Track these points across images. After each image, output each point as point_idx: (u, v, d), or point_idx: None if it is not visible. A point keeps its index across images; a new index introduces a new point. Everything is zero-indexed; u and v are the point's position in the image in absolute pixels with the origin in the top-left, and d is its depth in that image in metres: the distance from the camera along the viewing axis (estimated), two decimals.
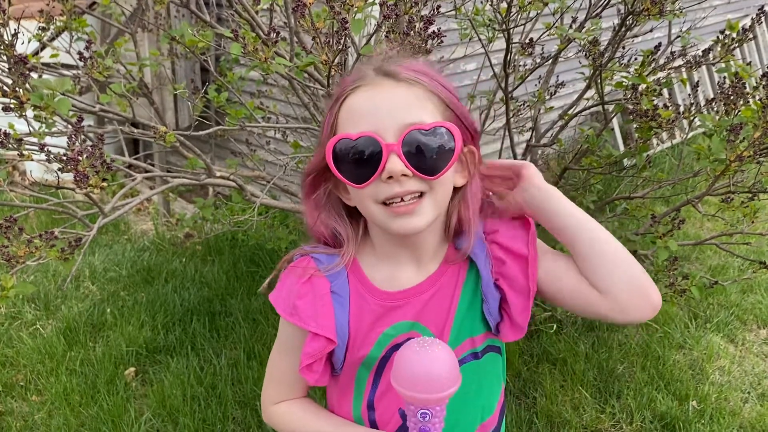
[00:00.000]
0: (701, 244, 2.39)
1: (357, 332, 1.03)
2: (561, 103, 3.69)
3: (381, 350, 1.03)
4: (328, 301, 1.02)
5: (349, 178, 0.93)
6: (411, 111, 0.91)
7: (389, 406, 1.06)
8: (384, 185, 0.91)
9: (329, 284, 1.02)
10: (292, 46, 1.73)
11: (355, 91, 0.94)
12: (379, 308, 1.02)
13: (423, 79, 0.93)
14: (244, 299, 3.20)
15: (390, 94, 0.92)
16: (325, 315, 1.01)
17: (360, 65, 0.96)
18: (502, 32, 2.12)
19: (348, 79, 0.97)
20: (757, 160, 1.85)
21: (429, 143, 0.90)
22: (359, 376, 1.06)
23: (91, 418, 2.46)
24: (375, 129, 0.90)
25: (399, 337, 1.02)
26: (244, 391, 2.59)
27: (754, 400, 2.63)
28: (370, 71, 0.94)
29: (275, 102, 3.31)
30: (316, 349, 1.01)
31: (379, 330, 1.02)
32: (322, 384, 1.07)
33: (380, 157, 0.89)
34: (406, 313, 1.02)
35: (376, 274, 1.04)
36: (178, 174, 2.15)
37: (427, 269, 1.03)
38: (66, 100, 1.42)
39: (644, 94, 1.99)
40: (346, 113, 0.94)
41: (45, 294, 3.27)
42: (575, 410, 2.54)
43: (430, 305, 1.02)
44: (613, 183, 3.86)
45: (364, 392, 1.07)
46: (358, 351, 1.03)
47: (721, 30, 2.12)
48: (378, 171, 0.90)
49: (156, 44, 3.52)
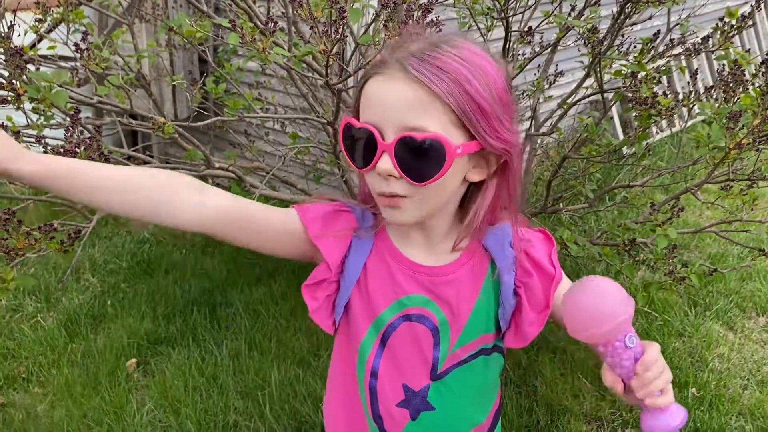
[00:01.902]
0: (701, 232, 2.39)
1: (370, 285, 1.03)
2: (560, 92, 3.68)
3: (392, 315, 1.03)
4: (348, 236, 1.03)
5: (351, 159, 0.96)
6: (414, 113, 0.88)
7: (392, 377, 1.06)
8: (377, 178, 0.93)
9: (356, 225, 1.04)
10: (290, 36, 1.72)
11: (374, 77, 0.93)
12: (399, 273, 1.03)
13: (441, 80, 0.88)
14: (244, 290, 3.21)
15: (399, 90, 0.89)
16: (338, 246, 1.02)
17: (393, 48, 0.93)
18: (500, 20, 2.12)
19: (377, 57, 0.96)
20: (757, 148, 1.85)
21: (421, 152, 0.89)
22: (367, 337, 1.05)
23: (93, 410, 2.47)
24: (378, 122, 0.91)
25: (411, 309, 1.03)
26: (245, 382, 2.60)
27: (753, 386, 2.64)
28: (393, 59, 0.91)
29: (274, 93, 3.30)
30: (320, 272, 1.03)
31: (395, 295, 1.03)
32: (318, 320, 1.05)
33: (375, 152, 0.91)
34: (423, 288, 1.03)
35: (402, 242, 1.05)
36: (177, 165, 2.15)
37: (440, 253, 1.04)
38: (63, 92, 1.42)
39: (644, 81, 1.99)
40: (364, 97, 0.95)
41: (45, 286, 3.27)
42: (575, 398, 2.55)
43: (449, 289, 1.03)
44: (613, 172, 3.86)
45: (368, 357, 1.06)
46: (367, 305, 1.04)
47: (720, 17, 2.12)
48: (371, 164, 0.92)
49: (154, 35, 3.50)
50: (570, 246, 2.32)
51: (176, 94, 3.93)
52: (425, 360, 1.05)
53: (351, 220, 1.05)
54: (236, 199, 0.99)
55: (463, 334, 1.04)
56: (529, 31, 2.16)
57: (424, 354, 1.04)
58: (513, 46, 2.29)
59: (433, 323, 1.04)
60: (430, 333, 1.04)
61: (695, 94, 2.12)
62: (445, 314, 1.04)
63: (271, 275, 3.34)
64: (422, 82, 0.87)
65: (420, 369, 1.05)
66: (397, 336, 1.04)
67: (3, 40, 1.47)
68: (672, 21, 2.28)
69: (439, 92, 0.87)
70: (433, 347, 1.04)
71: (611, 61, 2.24)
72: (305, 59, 1.80)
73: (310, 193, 2.39)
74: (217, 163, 2.11)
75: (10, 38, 1.49)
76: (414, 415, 1.07)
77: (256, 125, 3.31)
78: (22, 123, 1.56)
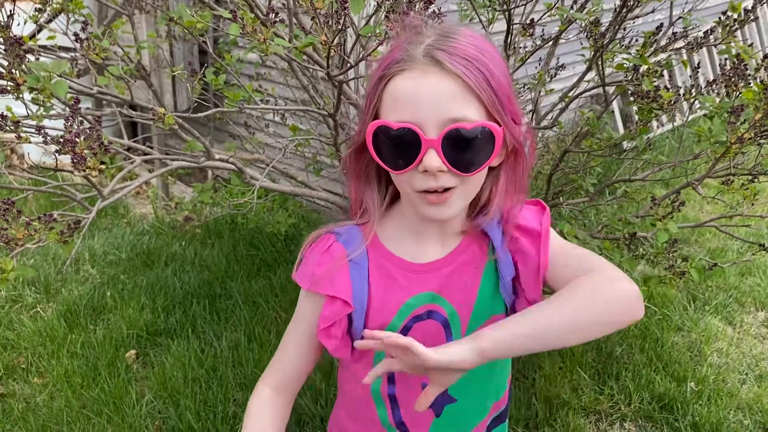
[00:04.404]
0: (701, 226, 2.39)
1: (377, 300, 1.03)
2: (561, 85, 3.67)
3: (402, 320, 1.03)
4: (345, 266, 1.02)
5: (387, 163, 0.93)
6: (455, 105, 0.88)
7: (411, 381, 1.05)
8: (420, 176, 0.91)
9: (347, 252, 1.03)
10: (291, 27, 1.71)
11: (400, 74, 0.89)
12: (401, 277, 1.03)
13: (471, 71, 0.88)
14: (244, 282, 3.21)
15: (435, 84, 0.88)
16: (341, 279, 1.01)
17: (408, 43, 0.90)
18: (502, 13, 2.11)
19: (394, 55, 0.92)
20: (758, 142, 1.84)
21: (469, 142, 0.88)
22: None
23: (93, 400, 2.48)
24: (416, 120, 0.88)
25: (420, 308, 1.03)
26: (244, 373, 2.61)
27: (751, 381, 2.65)
28: (418, 53, 0.89)
29: (274, 85, 3.29)
30: (334, 312, 1.01)
31: (401, 300, 1.03)
32: (341, 355, 1.06)
33: (419, 150, 0.88)
34: (428, 285, 1.03)
35: (398, 246, 1.04)
36: (177, 157, 2.14)
37: (449, 245, 1.04)
38: (63, 82, 1.41)
39: (645, 75, 1.98)
40: (389, 97, 0.91)
41: (45, 277, 3.27)
42: (574, 392, 2.56)
43: (452, 279, 1.03)
44: (613, 166, 3.86)
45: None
46: (378, 319, 1.03)
47: (723, 11, 2.11)
48: (415, 163, 0.89)
49: (154, 26, 3.49)
50: (570, 240, 2.32)
51: (176, 86, 3.92)
52: None
53: (340, 250, 1.03)
54: (285, 381, 1.12)
55: (472, 319, 1.04)
56: (531, 24, 2.15)
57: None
58: (515, 38, 2.28)
59: (443, 316, 1.04)
60: (441, 326, 1.04)
61: (697, 88, 2.11)
62: (453, 305, 1.04)
63: (270, 267, 3.34)
64: (457, 73, 0.87)
65: None
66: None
67: (2, 29, 1.46)
68: (674, 15, 2.27)
69: (472, 83, 0.88)
70: (446, 339, 1.04)
71: (613, 55, 2.23)
72: (306, 51, 1.79)
73: (311, 185, 2.39)
74: (217, 154, 2.11)
75: (9, 27, 1.48)
76: (438, 411, 1.08)
77: (257, 117, 3.31)
78: (22, 113, 1.55)
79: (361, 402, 1.12)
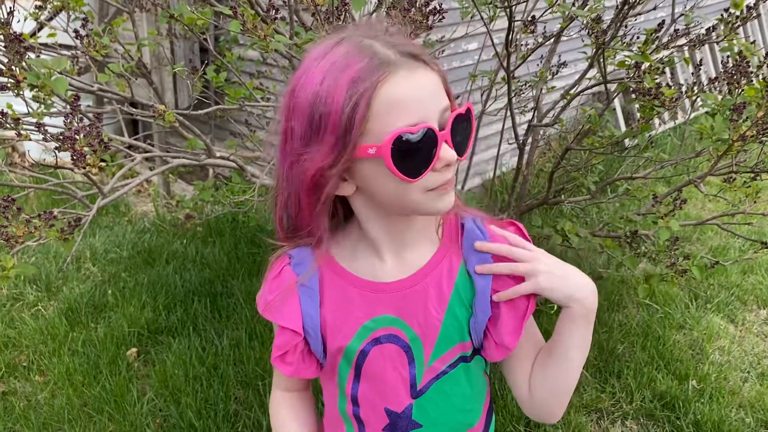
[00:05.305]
0: (703, 224, 2.38)
1: (332, 322, 1.00)
2: (563, 83, 3.67)
3: (360, 343, 1.00)
4: (294, 293, 0.99)
5: (408, 174, 0.87)
6: (442, 94, 0.89)
7: (374, 403, 1.03)
8: (435, 174, 0.88)
9: (296, 277, 1.00)
10: (292, 25, 1.71)
11: (388, 79, 0.84)
12: (359, 297, 0.99)
13: (434, 63, 0.91)
14: (245, 280, 3.21)
15: (425, 79, 0.87)
16: (290, 307, 0.99)
17: (359, 52, 0.85)
18: (504, 10, 2.10)
19: (362, 66, 0.85)
20: (760, 140, 1.84)
21: (465, 126, 0.91)
22: (341, 369, 1.04)
23: (94, 398, 2.48)
24: (426, 118, 0.86)
25: (379, 331, 0.99)
26: (246, 371, 2.61)
27: (753, 379, 2.64)
28: (390, 55, 0.86)
29: (275, 82, 3.29)
30: (284, 341, 1.00)
31: (359, 321, 0.99)
32: (306, 375, 1.04)
33: (434, 147, 0.86)
34: (388, 307, 0.99)
35: (354, 264, 1.01)
36: (178, 154, 2.14)
37: (408, 263, 1.00)
38: (63, 80, 1.41)
39: (647, 72, 1.97)
40: (385, 105, 0.84)
41: (46, 275, 3.27)
42: (575, 390, 2.55)
43: (414, 303, 0.98)
44: (615, 163, 3.85)
45: (346, 386, 1.04)
46: (336, 341, 1.01)
47: (725, 8, 2.10)
48: (433, 162, 0.87)
49: (155, 24, 3.49)
50: (571, 238, 2.31)
51: (177, 83, 3.91)
52: (403, 379, 1.01)
53: (290, 275, 1.00)
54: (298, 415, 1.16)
55: (437, 346, 1.00)
56: (533, 21, 2.15)
57: (401, 373, 1.01)
58: (516, 36, 2.28)
59: (404, 341, 1.00)
60: (403, 351, 1.00)
61: (699, 85, 2.11)
62: (414, 330, 0.99)
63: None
64: (432, 65, 0.89)
65: (399, 389, 1.02)
66: (370, 362, 1.01)
67: (2, 26, 1.46)
68: (676, 12, 2.26)
69: (439, 70, 0.91)
70: (408, 365, 1.01)
71: (615, 52, 2.22)
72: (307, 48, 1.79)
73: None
74: (218, 152, 2.11)
75: (9, 24, 1.48)
76: None
77: (257, 115, 3.30)
78: (23, 111, 1.55)
79: (334, 420, 1.10)
